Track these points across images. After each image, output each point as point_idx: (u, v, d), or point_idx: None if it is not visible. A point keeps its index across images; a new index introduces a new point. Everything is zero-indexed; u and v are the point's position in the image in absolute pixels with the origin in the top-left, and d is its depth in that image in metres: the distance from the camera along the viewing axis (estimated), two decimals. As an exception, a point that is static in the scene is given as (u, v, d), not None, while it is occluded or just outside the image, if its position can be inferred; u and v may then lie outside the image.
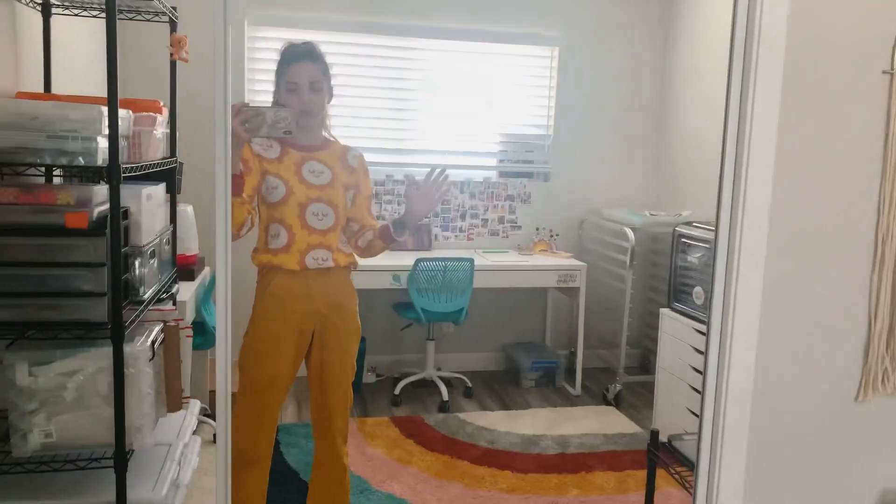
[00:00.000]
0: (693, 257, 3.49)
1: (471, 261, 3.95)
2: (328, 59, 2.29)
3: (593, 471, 3.29)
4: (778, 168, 1.75)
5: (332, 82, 2.31)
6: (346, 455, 2.43)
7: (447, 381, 4.25)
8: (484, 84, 4.52)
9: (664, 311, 3.64)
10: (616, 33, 4.65)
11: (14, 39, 2.25)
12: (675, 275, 3.61)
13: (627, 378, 4.29)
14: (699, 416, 1.46)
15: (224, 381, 1.35)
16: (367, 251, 2.35)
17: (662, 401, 3.66)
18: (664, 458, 1.96)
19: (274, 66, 4.30)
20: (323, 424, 2.38)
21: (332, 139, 2.35)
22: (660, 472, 2.16)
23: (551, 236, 4.68)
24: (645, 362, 4.78)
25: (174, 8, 2.43)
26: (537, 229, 4.69)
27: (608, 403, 4.18)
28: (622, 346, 4.20)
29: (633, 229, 4.16)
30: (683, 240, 3.57)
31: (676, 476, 1.87)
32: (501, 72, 4.54)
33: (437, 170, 2.26)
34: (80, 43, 2.79)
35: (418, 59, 4.42)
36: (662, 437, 2.12)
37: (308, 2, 4.17)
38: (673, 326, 3.56)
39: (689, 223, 3.64)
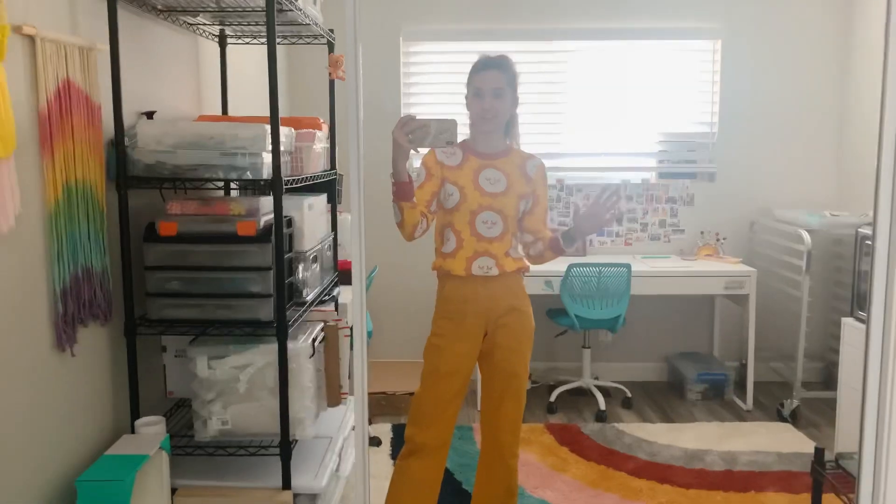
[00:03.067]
0: (880, 260, 3.13)
1: (627, 266, 3.83)
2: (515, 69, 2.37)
3: (764, 491, 3.05)
4: None
5: (518, 93, 2.38)
6: (516, 457, 2.45)
7: (605, 391, 4.14)
8: (640, 83, 4.38)
9: (846, 320, 3.30)
10: (786, 20, 4.31)
11: (196, 68, 2.54)
12: (858, 280, 3.26)
13: (806, 393, 3.93)
14: (860, 433, 1.32)
15: (360, 380, 1.43)
16: (538, 259, 2.41)
17: (846, 419, 3.32)
18: (834, 478, 1.78)
19: (428, 79, 4.49)
20: (492, 425, 2.42)
21: (514, 147, 2.41)
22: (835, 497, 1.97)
23: (717, 240, 4.41)
24: (827, 377, 4.35)
25: (331, 30, 2.62)
26: (702, 233, 4.45)
27: (783, 420, 3.86)
28: (799, 358, 3.86)
29: (810, 231, 3.82)
30: (868, 242, 3.22)
31: (844, 498, 1.69)
32: (658, 69, 4.37)
33: (608, 191, 2.25)
34: (252, 68, 3.08)
35: (571, 61, 4.38)
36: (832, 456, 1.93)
37: (457, 15, 4.28)
38: (857, 337, 3.21)
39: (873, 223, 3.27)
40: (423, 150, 2.30)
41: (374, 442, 3.51)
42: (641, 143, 4.45)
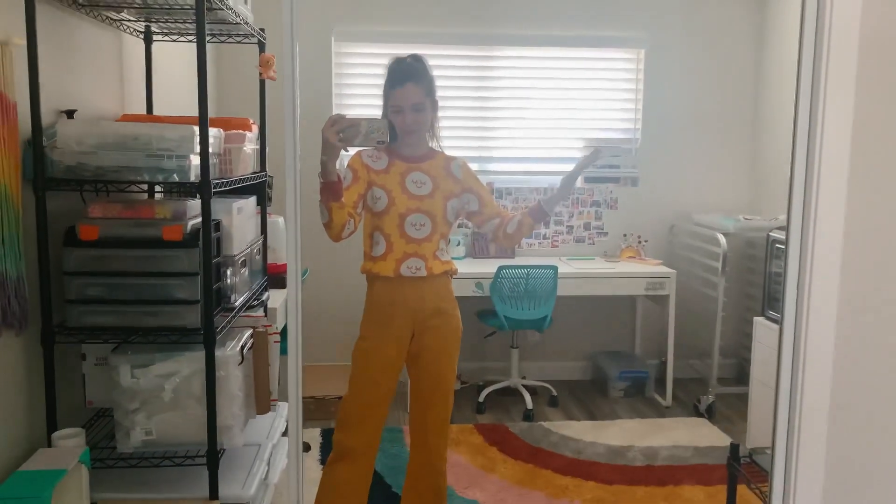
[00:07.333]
0: (789, 264, 3.32)
1: (554, 268, 3.93)
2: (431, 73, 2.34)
3: (682, 484, 3.19)
4: (853, 170, 1.64)
5: (437, 95, 2.37)
6: (444, 459, 2.47)
7: (532, 390, 4.23)
8: (567, 89, 4.49)
9: (758, 319, 3.49)
10: (705, 32, 4.51)
11: (120, 66, 2.44)
12: (769, 282, 3.45)
13: (721, 389, 4.13)
14: (773, 430, 1.40)
15: (294, 387, 1.42)
16: (517, 234, 2.39)
17: (757, 414, 3.50)
18: (747, 472, 1.89)
19: (360, 80, 4.45)
20: (420, 428, 2.43)
21: (437, 150, 2.42)
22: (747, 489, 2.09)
23: (639, 242, 4.57)
24: (740, 373, 4.59)
25: (262, 30, 2.57)
26: (625, 235, 4.60)
27: (700, 415, 4.04)
28: (715, 355, 4.05)
29: (726, 234, 4.01)
30: (778, 245, 3.42)
31: (757, 491, 1.80)
32: (585, 76, 4.49)
33: (594, 154, 2.30)
34: (179, 66, 2.99)
35: (500, 66, 4.44)
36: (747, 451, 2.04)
37: (391, 17, 4.28)
38: (767, 336, 3.40)
39: (784, 228, 3.47)
40: (353, 150, 2.28)
41: (304, 447, 3.46)
42: (568, 148, 4.56)
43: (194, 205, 2.01)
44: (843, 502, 1.60)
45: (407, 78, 2.26)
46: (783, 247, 3.32)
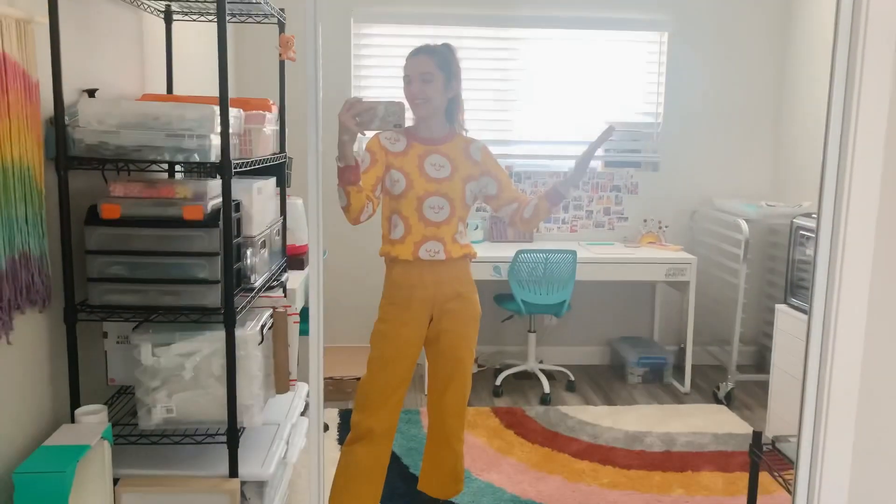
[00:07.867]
0: (812, 251, 3.27)
1: (573, 253, 3.90)
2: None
3: (700, 470, 3.17)
4: (887, 159, 1.60)
5: (460, 80, 2.36)
6: (461, 441, 2.48)
7: (549, 374, 4.22)
8: (588, 72, 4.43)
9: (780, 307, 3.44)
10: (729, 15, 4.43)
11: (140, 45, 2.45)
12: (792, 269, 3.40)
13: (740, 376, 4.09)
14: (799, 417, 1.38)
15: (316, 367, 1.42)
16: (534, 218, 2.37)
17: (777, 401, 3.47)
18: (769, 460, 1.87)
19: (379, 62, 4.44)
20: (438, 410, 2.44)
21: (457, 132, 2.40)
22: (770, 476, 2.07)
23: (660, 228, 4.53)
24: (760, 360, 4.54)
25: (282, 10, 2.56)
26: (645, 221, 4.55)
27: (719, 402, 4.01)
28: (734, 343, 4.02)
29: (748, 221, 3.96)
30: (802, 232, 3.37)
31: (780, 479, 1.78)
32: (607, 59, 4.43)
33: (606, 133, 2.30)
34: (199, 46, 2.99)
35: (522, 48, 4.40)
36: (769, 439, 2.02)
37: (412, -2, 4.25)
38: (789, 323, 3.36)
39: (808, 214, 3.42)
40: (370, 134, 2.27)
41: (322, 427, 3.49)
42: (589, 131, 4.51)
43: (214, 185, 2.01)
44: (871, 492, 1.58)
45: (421, 51, 2.29)
46: (807, 234, 3.28)
